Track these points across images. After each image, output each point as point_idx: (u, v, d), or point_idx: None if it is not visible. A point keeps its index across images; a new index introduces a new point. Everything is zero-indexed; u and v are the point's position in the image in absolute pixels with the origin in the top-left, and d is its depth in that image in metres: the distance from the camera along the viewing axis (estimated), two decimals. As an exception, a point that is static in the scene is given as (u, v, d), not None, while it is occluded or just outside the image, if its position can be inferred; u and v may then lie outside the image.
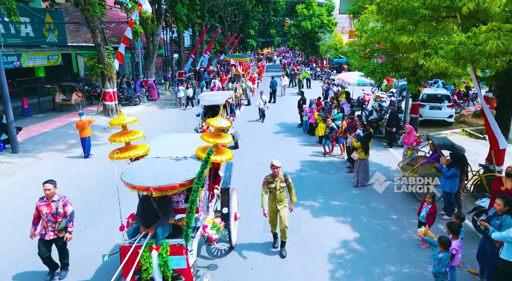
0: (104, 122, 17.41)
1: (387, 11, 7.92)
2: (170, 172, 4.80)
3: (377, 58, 13.61)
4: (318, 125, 12.73)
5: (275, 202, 6.25)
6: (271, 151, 12.36)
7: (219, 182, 6.46)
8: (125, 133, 5.35)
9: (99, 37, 17.42)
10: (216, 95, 13.53)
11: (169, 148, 5.75)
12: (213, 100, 12.73)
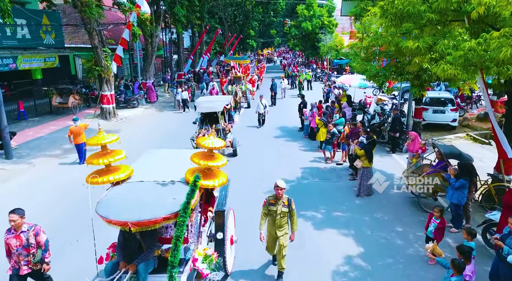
0: (101, 125, 17.05)
1: (391, 15, 7.62)
2: (153, 202, 4.20)
3: (380, 61, 13.31)
4: (320, 130, 12.42)
5: (275, 228, 5.64)
6: (271, 157, 12.09)
7: (214, 203, 5.76)
8: (104, 154, 4.72)
9: (96, 39, 17.12)
10: (214, 101, 12.73)
11: (155, 169, 5.20)
12: (210, 107, 12.01)
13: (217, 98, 13.91)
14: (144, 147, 14.04)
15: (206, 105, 12.19)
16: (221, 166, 4.62)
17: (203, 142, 4.52)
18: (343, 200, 8.70)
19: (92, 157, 4.68)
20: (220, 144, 4.60)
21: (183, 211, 4.03)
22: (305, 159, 11.87)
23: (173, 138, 14.68)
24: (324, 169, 10.83)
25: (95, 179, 4.47)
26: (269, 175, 10.29)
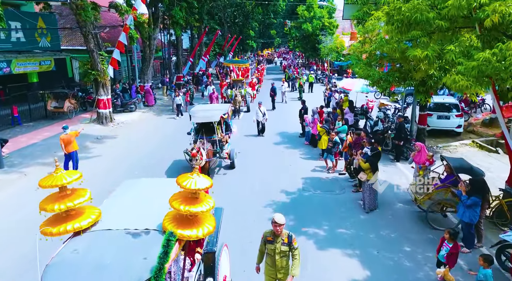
0: (98, 130, 16.77)
1: (398, 21, 7.22)
2: (117, 265, 3.38)
3: (382, 65, 12.92)
4: (321, 138, 12.01)
5: (275, 270, 4.83)
6: (271, 166, 11.68)
7: (202, 243, 4.92)
8: (62, 197, 3.81)
9: (92, 42, 16.73)
10: (210, 109, 11.75)
11: (129, 209, 4.39)
12: (206, 117, 10.95)
13: (214, 107, 12.94)
14: (138, 156, 13.74)
15: (201, 114, 11.09)
16: (207, 211, 3.74)
17: (184, 183, 3.69)
18: (347, 215, 8.30)
19: (46, 201, 3.76)
20: (206, 185, 3.80)
21: (154, 278, 3.27)
22: (307, 169, 11.47)
23: (169, 144, 14.27)
24: (326, 180, 10.43)
25: (49, 230, 3.59)
26: (268, 186, 9.91)
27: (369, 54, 13.69)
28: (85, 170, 11.45)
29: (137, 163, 12.07)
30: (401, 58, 8.77)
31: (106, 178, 10.52)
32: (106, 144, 14.82)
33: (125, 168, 11.66)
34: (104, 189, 9.13)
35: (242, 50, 71.44)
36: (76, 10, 15.64)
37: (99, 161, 12.62)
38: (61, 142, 10.82)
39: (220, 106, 13.07)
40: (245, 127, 16.94)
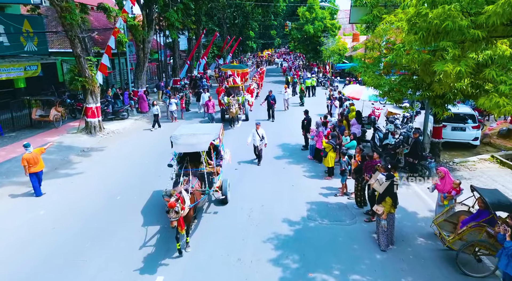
0: (84, 142, 15.61)
1: (423, 30, 6.06)
2: None
3: (395, 74, 11.76)
4: (328, 155, 10.85)
5: None
6: (272, 187, 10.49)
7: None
8: None
9: (78, 47, 15.55)
10: (197, 134, 8.96)
11: None
12: (191, 144, 8.53)
13: (201, 129, 9.87)
14: (124, 174, 12.08)
15: (185, 140, 8.66)
16: None
17: None
18: (360, 253, 7.13)
19: None
20: None
21: None
22: (311, 189, 10.29)
23: (161, 157, 13.07)
24: (333, 206, 9.24)
25: None
26: (269, 215, 8.75)
27: (378, 61, 12.59)
28: (61, 194, 10.32)
29: (122, 185, 10.87)
30: (422, 70, 7.61)
31: (79, 210, 9.34)
32: (91, 159, 13.63)
33: (108, 191, 10.45)
34: (69, 229, 8.07)
35: (242, 51, 70.34)
36: (61, 13, 14.48)
37: (79, 180, 11.41)
38: (24, 163, 9.60)
39: (210, 127, 10.31)
40: (242, 137, 15.77)
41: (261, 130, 12.25)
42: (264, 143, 12.23)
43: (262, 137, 12.13)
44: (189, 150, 8.75)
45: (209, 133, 9.06)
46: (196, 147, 8.53)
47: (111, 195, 10.09)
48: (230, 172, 11.35)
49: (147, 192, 10.13)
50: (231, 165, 12.15)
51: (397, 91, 10.85)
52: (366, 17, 11.17)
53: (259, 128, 12.21)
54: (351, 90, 15.74)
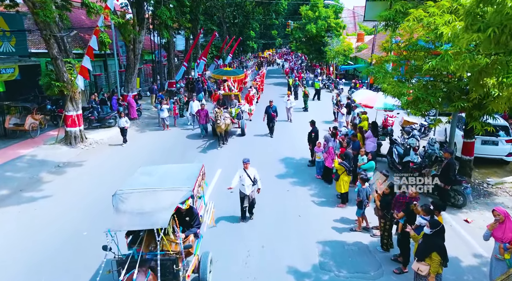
0: (62, 155, 13.79)
1: (496, 26, 4.23)
2: None
3: (419, 82, 9.91)
4: (340, 178, 9.02)
5: None
6: (274, 218, 8.64)
7: None
8: None
9: (55, 48, 13.75)
10: (158, 191, 5.73)
11: None
12: (141, 214, 5.29)
13: (170, 177, 6.50)
14: (100, 198, 9.44)
15: (134, 205, 5.42)
16: None
17: None
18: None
19: None
20: None
21: None
22: (322, 221, 8.46)
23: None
24: (352, 248, 7.38)
25: None
26: (271, 259, 6.91)
27: (398, 64, 10.78)
28: (16, 225, 8.36)
29: (94, 213, 9.03)
30: (475, 80, 5.77)
31: (31, 251, 7.53)
32: (65, 177, 11.80)
33: (75, 222, 8.62)
34: None
35: (242, 51, 68.51)
36: (33, 9, 12.68)
37: (44, 206, 9.58)
38: None
39: (183, 172, 6.70)
40: (236, 156, 13.97)
41: (252, 170, 8.31)
42: (258, 188, 8.41)
43: (254, 180, 8.25)
44: (137, 227, 5.41)
45: (177, 188, 5.75)
46: (148, 220, 5.12)
47: (77, 229, 8.26)
48: (222, 199, 9.55)
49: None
50: (225, 190, 10.37)
51: (424, 101, 9.04)
52: (387, 13, 9.36)
53: (248, 167, 8.25)
54: (363, 97, 13.87)
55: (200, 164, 7.28)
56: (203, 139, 15.91)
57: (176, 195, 5.60)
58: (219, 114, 13.70)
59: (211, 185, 10.66)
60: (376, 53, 31.34)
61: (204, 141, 15.63)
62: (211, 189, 10.39)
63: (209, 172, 11.71)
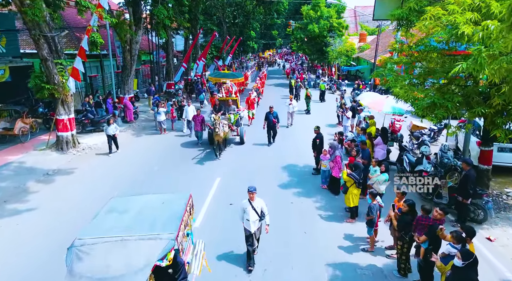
0: (52, 161, 13.06)
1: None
2: None
3: (434, 86, 9.17)
4: (349, 191, 8.28)
5: None
6: (276, 235, 7.89)
7: None
8: None
9: (45, 48, 13.03)
10: (129, 240, 4.39)
11: None
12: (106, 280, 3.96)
13: (148, 215, 5.04)
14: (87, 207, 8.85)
15: (95, 268, 4.11)
16: None
17: None
18: None
19: None
20: None
21: None
22: (330, 239, 7.72)
23: (143, 185, 10.56)
24: (365, 271, 6.63)
25: None
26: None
27: (410, 66, 10.04)
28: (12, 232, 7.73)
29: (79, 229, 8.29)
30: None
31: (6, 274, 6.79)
32: (53, 186, 11.07)
33: (58, 241, 7.86)
34: None
35: (243, 51, 67.79)
36: (20, 7, 11.96)
37: (27, 220, 8.83)
38: None
39: (166, 206, 5.40)
40: (240, 154, 13.26)
41: (259, 201, 6.62)
42: (266, 224, 6.74)
43: (261, 213, 6.58)
44: None
45: (156, 236, 4.42)
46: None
47: (62, 244, 7.50)
48: (222, 212, 8.83)
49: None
50: (224, 201, 9.63)
51: (441, 106, 8.30)
52: (400, 12, 8.63)
53: (254, 198, 6.52)
54: (370, 100, 13.11)
55: (187, 195, 5.85)
56: (199, 148, 14.66)
57: (153, 247, 4.25)
58: (217, 121, 12.34)
59: (208, 196, 9.92)
60: (380, 54, 30.68)
61: (200, 150, 14.32)
62: (208, 201, 9.66)
63: (207, 181, 11.07)
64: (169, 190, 10.37)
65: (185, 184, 10.92)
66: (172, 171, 12.09)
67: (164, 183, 10.96)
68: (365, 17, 62.39)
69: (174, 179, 11.29)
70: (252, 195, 6.47)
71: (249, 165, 12.58)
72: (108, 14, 13.71)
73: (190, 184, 10.89)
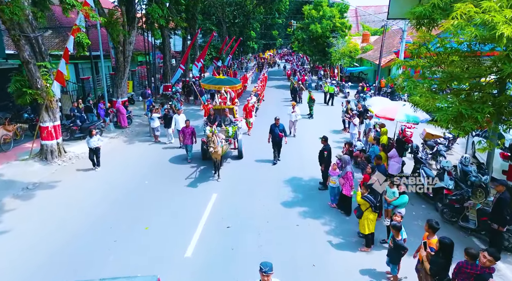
0: (34, 173, 11.96)
1: None
2: None
3: (462, 92, 8.07)
4: (364, 216, 7.18)
5: None
6: (281, 273, 6.78)
7: None
8: None
9: (26, 50, 11.93)
10: None
11: None
12: None
13: None
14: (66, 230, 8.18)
15: None
16: None
17: None
18: None
19: None
20: None
21: None
22: (343, 275, 6.62)
23: (130, 206, 9.46)
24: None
25: None
26: None
27: (431, 71, 8.95)
28: None
29: (55, 259, 7.20)
30: None
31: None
32: (32, 202, 9.96)
33: (30, 274, 6.78)
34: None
35: (243, 52, 66.66)
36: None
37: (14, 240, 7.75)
38: None
39: None
40: (239, 166, 12.14)
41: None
42: None
43: None
44: None
45: None
46: None
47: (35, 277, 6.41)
48: (218, 236, 7.74)
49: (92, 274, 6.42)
50: (221, 222, 8.55)
51: (469, 118, 7.21)
52: (422, 9, 7.53)
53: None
54: (381, 107, 11.96)
55: (155, 278, 4.66)
56: (191, 165, 12.69)
57: None
58: (212, 138, 10.34)
59: (203, 217, 8.82)
60: (384, 55, 29.59)
61: (194, 167, 12.41)
62: (203, 223, 8.56)
63: (201, 197, 9.85)
64: (159, 209, 9.29)
65: (177, 201, 9.82)
66: (164, 185, 10.99)
67: (154, 200, 9.86)
68: (366, 17, 61.36)
69: (165, 196, 10.18)
70: (267, 278, 4.31)
71: (248, 178, 11.46)
72: (95, 13, 12.61)
73: (183, 200, 9.80)
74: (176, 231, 8.22)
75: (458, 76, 8.16)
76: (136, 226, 8.49)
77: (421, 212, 9.07)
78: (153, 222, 8.64)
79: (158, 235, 8.09)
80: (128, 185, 11.03)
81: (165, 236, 8.02)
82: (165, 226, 8.45)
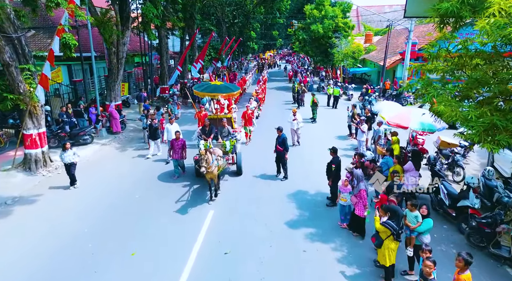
0: (15, 186, 10.97)
1: None
2: None
3: (494, 101, 7.09)
4: (384, 245, 6.18)
5: None
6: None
7: None
8: None
9: (6, 52, 10.94)
10: None
11: None
12: None
13: None
14: (45, 254, 7.09)
15: None
16: None
17: None
18: None
19: None
20: None
21: None
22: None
23: (114, 227, 8.46)
24: None
25: None
26: None
27: (453, 75, 7.97)
28: None
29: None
30: None
31: None
32: (10, 220, 8.96)
33: None
34: None
35: (242, 52, 65.69)
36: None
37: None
38: None
39: None
40: (237, 180, 11.13)
41: None
42: None
43: None
44: None
45: None
46: None
47: None
48: (215, 264, 6.73)
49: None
50: (218, 247, 7.55)
51: (504, 130, 6.23)
52: (448, 5, 6.55)
53: None
54: (393, 114, 10.96)
55: None
56: (184, 183, 11.12)
57: None
58: (203, 157, 8.83)
59: (197, 241, 7.82)
60: (388, 56, 28.63)
61: (188, 183, 11.10)
62: (197, 247, 7.56)
63: (196, 216, 8.71)
64: (147, 229, 8.27)
65: (168, 221, 8.82)
66: (155, 201, 9.97)
67: (143, 219, 8.86)
68: (368, 17, 60.47)
69: (156, 214, 9.16)
70: None
71: (247, 193, 10.41)
72: (83, 12, 11.61)
73: (175, 220, 8.80)
74: (167, 257, 7.23)
75: (486, 81, 7.19)
76: (121, 251, 7.49)
77: (443, 233, 8.08)
78: (141, 246, 7.64)
79: (146, 263, 7.09)
80: (116, 201, 10.01)
81: (154, 264, 7.03)
82: (154, 252, 7.45)
